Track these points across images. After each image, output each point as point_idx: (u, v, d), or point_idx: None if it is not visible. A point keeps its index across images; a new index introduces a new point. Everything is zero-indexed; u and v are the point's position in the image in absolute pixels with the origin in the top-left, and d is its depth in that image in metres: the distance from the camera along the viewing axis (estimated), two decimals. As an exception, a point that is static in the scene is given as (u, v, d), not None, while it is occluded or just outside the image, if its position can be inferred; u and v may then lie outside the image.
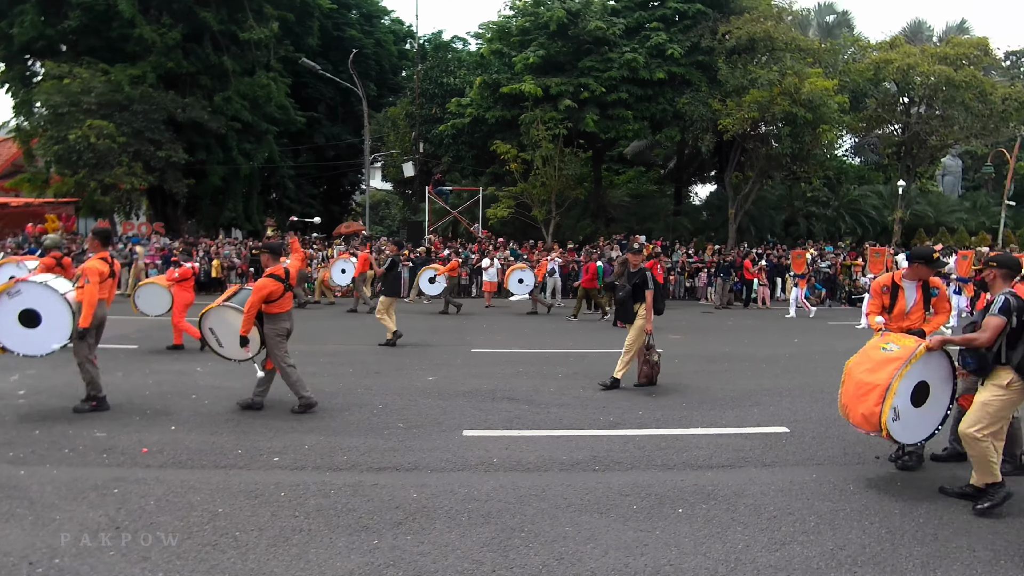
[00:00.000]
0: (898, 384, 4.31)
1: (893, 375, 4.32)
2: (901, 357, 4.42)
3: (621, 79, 20.63)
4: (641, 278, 7.22)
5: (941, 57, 22.29)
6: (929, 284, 4.94)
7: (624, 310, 7.37)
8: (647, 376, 7.37)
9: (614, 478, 4.64)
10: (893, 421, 4.34)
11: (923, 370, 4.49)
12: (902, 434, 4.47)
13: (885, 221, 25.63)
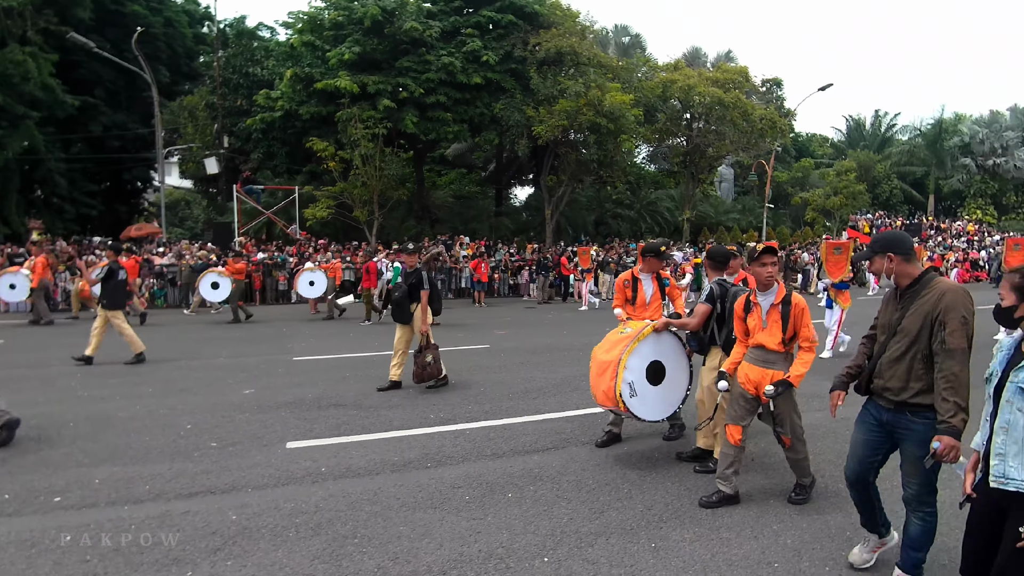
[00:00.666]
0: (627, 358, 4.66)
1: (623, 351, 4.69)
2: (631, 336, 4.81)
3: (439, 82, 20.87)
4: (417, 278, 7.15)
5: (714, 80, 25.95)
6: (661, 276, 5.39)
7: (400, 310, 7.20)
8: (418, 376, 7.12)
9: (446, 472, 4.71)
10: (630, 397, 4.69)
11: (655, 349, 4.86)
12: (640, 409, 4.77)
13: (677, 221, 29.20)
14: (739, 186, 39.26)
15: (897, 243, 3.12)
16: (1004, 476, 2.33)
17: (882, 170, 42.11)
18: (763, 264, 3.89)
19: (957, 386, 2.77)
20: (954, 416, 2.75)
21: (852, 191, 33.08)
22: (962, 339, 2.79)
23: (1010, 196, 42.62)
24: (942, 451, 2.74)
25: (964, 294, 2.88)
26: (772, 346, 3.91)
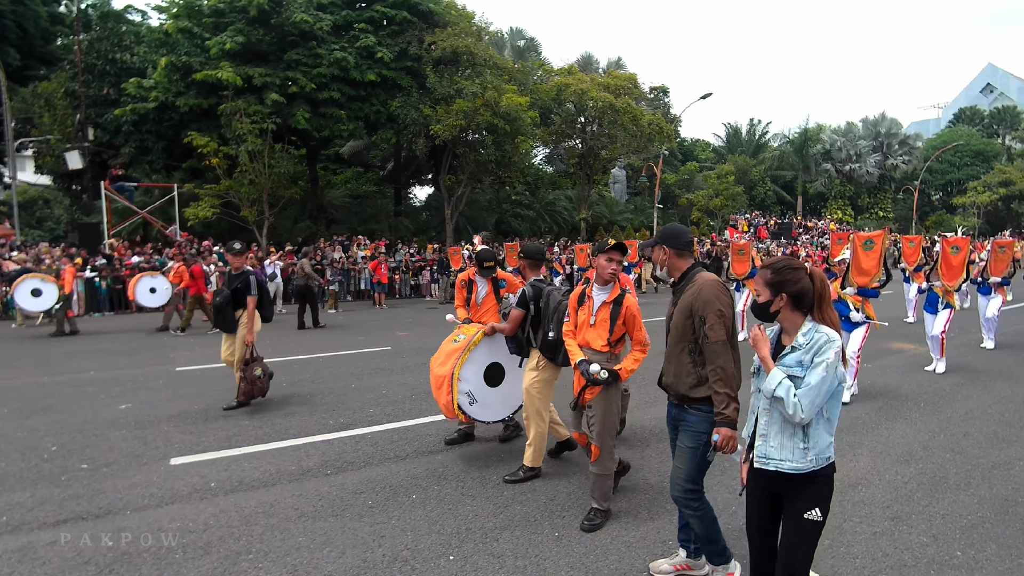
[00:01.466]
0: (460, 371, 4.71)
1: (455, 365, 4.71)
2: (462, 347, 4.80)
3: (332, 77, 20.13)
4: (243, 282, 6.40)
5: (605, 86, 26.98)
6: (497, 277, 5.31)
7: (223, 318, 6.45)
8: (246, 393, 6.33)
9: (348, 479, 4.59)
10: (471, 405, 4.79)
11: (491, 352, 4.91)
12: (484, 414, 4.88)
13: (575, 220, 30.10)
14: (631, 187, 41.11)
15: (672, 237, 3.14)
16: (765, 456, 2.40)
17: (757, 174, 45.70)
18: (610, 259, 3.71)
19: (725, 377, 2.82)
20: (727, 407, 2.80)
21: (731, 193, 35.74)
22: (721, 332, 2.84)
23: (864, 198, 47.74)
24: (721, 442, 2.77)
25: (720, 288, 2.93)
26: (597, 345, 3.74)
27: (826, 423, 2.36)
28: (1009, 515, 4.04)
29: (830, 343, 2.29)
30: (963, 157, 49.82)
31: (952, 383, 7.63)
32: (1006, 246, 10.05)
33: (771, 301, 2.42)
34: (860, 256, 7.05)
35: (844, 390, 2.29)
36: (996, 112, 56.70)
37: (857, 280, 6.96)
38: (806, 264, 2.42)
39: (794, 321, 2.42)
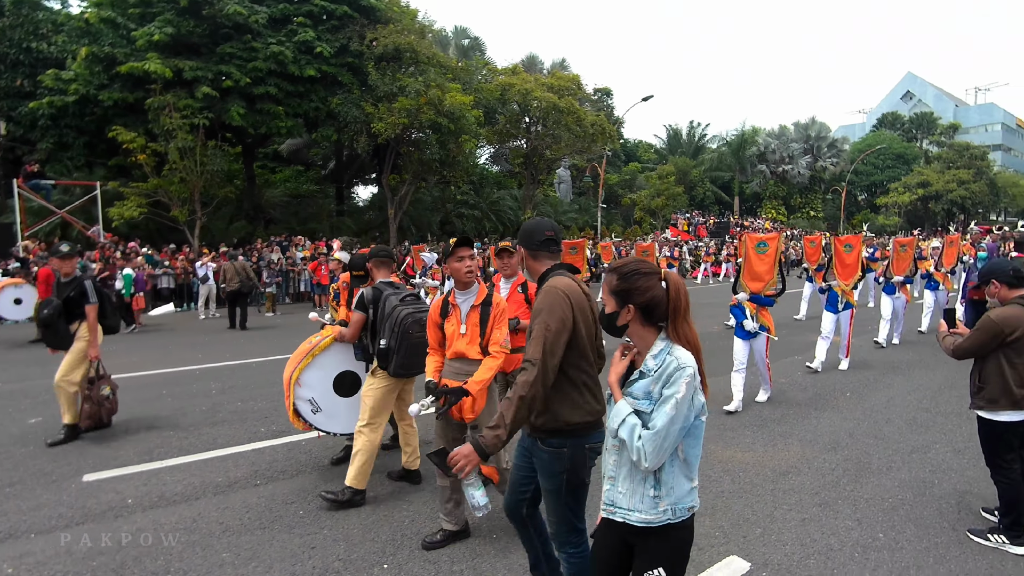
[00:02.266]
0: (300, 375, 4.35)
1: (295, 368, 4.35)
2: (306, 350, 4.42)
3: (269, 72, 19.46)
4: (77, 289, 5.43)
5: (549, 87, 27.21)
6: None
7: (54, 333, 5.42)
8: (92, 417, 5.41)
9: (278, 489, 4.38)
10: (314, 413, 4.40)
11: (343, 360, 4.51)
12: (329, 424, 4.47)
13: (520, 220, 30.18)
14: (576, 188, 41.60)
15: (526, 235, 2.69)
16: (613, 504, 1.98)
17: (697, 174, 47.06)
18: (459, 259, 3.33)
19: (514, 398, 2.30)
20: (493, 427, 2.31)
21: (672, 193, 36.68)
22: (537, 350, 2.32)
23: (796, 198, 49.92)
24: (452, 458, 2.34)
25: (557, 297, 2.41)
26: (473, 355, 3.34)
27: (683, 465, 1.93)
28: (926, 496, 4.24)
29: (681, 370, 1.85)
30: (885, 160, 52.79)
31: (875, 373, 8.00)
32: (907, 245, 10.07)
33: (618, 312, 1.99)
34: (752, 259, 6.48)
35: (702, 425, 1.91)
36: (915, 118, 60.31)
37: (750, 285, 6.42)
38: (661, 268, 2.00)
39: (644, 338, 1.98)
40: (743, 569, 3.33)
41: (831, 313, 8.13)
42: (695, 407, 1.88)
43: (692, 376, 1.86)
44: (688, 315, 1.97)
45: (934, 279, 10.45)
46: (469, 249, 3.39)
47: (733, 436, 5.51)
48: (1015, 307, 3.57)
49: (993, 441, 3.66)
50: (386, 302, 4.07)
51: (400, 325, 3.94)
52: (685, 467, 1.94)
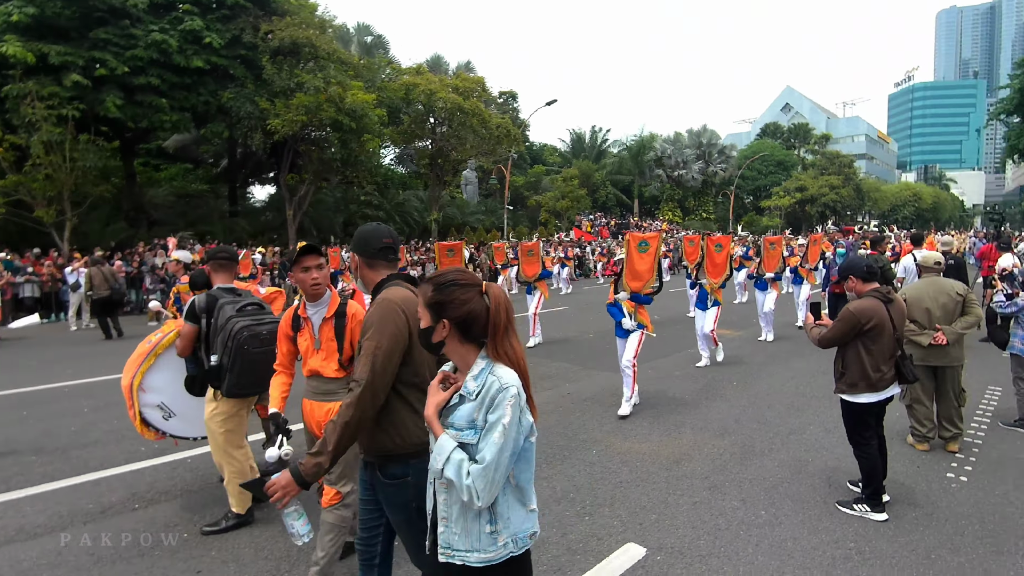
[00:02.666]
0: (141, 380, 3.93)
1: (134, 374, 3.94)
2: (147, 351, 3.98)
3: (151, 61, 18.02)
4: None
5: (454, 88, 27.11)
6: None
7: None
8: None
9: (159, 511, 4.06)
10: (167, 420, 4.01)
11: None
12: (188, 429, 4.12)
13: (426, 221, 29.87)
14: (483, 189, 41.78)
15: (359, 242, 2.47)
16: (449, 547, 1.77)
17: (599, 178, 48.69)
18: (305, 269, 2.97)
19: (339, 423, 2.10)
20: (315, 454, 2.11)
21: (576, 195, 37.74)
22: (365, 370, 2.13)
23: (691, 201, 52.90)
24: (270, 487, 2.16)
25: (390, 311, 2.21)
26: (329, 372, 3.00)
27: (517, 492, 1.79)
28: (802, 473, 4.61)
29: (504, 391, 1.69)
30: (768, 166, 57.09)
31: (759, 361, 8.62)
32: (775, 243, 10.51)
33: (432, 328, 1.80)
34: (634, 258, 6.40)
35: (532, 446, 1.78)
36: (793, 128, 65.68)
37: (631, 284, 6.34)
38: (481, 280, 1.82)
39: (464, 357, 1.80)
40: (639, 555, 3.47)
41: (702, 311, 8.30)
42: (524, 428, 1.73)
43: (516, 396, 1.69)
44: (511, 331, 1.79)
45: (800, 275, 11.13)
46: (316, 257, 3.01)
47: (631, 428, 5.73)
48: (870, 299, 3.96)
49: (854, 420, 4.04)
50: (220, 312, 3.60)
51: (234, 340, 3.49)
52: (519, 493, 1.79)
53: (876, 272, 4.10)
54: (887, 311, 3.92)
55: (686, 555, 3.46)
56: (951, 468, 4.71)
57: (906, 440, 5.25)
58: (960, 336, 4.97)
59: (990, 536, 3.67)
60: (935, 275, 5.18)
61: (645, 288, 6.37)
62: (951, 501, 4.14)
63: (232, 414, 3.76)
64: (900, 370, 3.98)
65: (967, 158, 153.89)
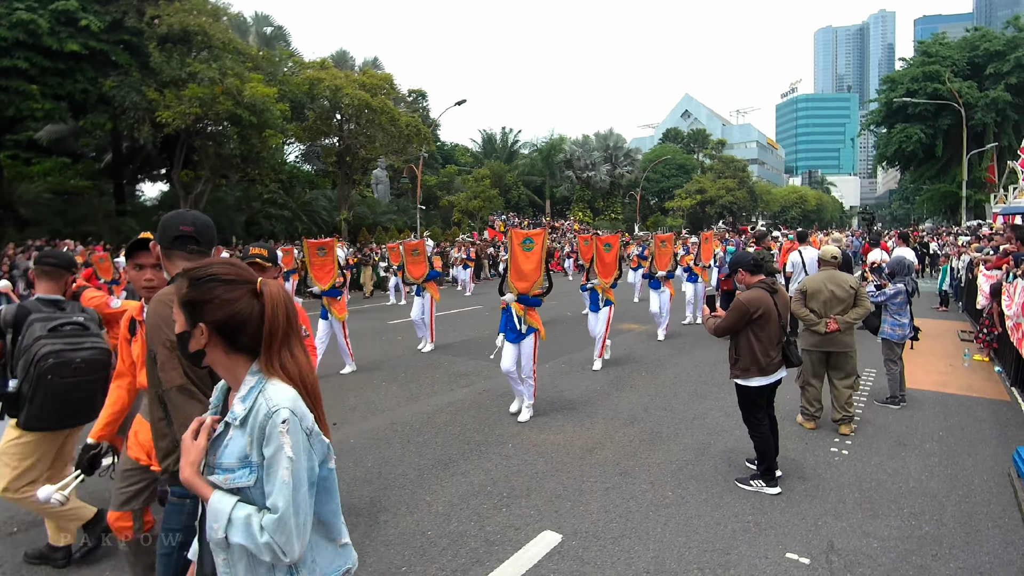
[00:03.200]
0: None
1: None
2: None
3: (16, 43, 16.29)
4: None
5: (361, 84, 26.42)
6: None
7: None
8: None
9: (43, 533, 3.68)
10: None
11: None
12: None
13: (335, 221, 28.94)
14: (394, 189, 41.07)
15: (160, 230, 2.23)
16: None
17: (511, 178, 49.19)
18: (137, 266, 2.54)
19: None
20: None
21: (488, 195, 37.93)
22: (175, 374, 1.89)
23: (599, 201, 54.62)
24: None
25: (163, 306, 1.95)
26: None
27: (321, 528, 1.50)
28: (705, 455, 4.88)
29: (272, 415, 1.37)
30: (670, 169, 59.98)
31: (665, 353, 9.04)
32: (666, 240, 10.37)
33: (188, 333, 1.46)
34: (519, 257, 5.98)
35: (332, 473, 1.50)
36: (692, 134, 69.36)
37: (517, 285, 5.94)
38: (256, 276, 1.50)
39: (232, 371, 1.48)
40: (556, 541, 3.54)
41: (595, 312, 8.10)
42: (317, 454, 1.43)
43: (289, 420, 1.37)
44: (292, 339, 1.48)
45: (694, 272, 11.32)
46: (148, 255, 2.51)
47: (545, 421, 5.84)
48: (757, 290, 4.27)
49: (747, 403, 4.33)
50: (28, 329, 3.03)
51: (36, 366, 2.96)
52: (324, 529, 1.51)
53: (762, 265, 4.43)
54: (773, 300, 4.24)
55: (600, 538, 3.57)
56: (834, 444, 5.16)
57: (796, 420, 5.69)
58: (851, 325, 5.44)
59: (867, 502, 4.05)
60: (832, 268, 5.64)
61: (533, 289, 5.94)
62: (834, 473, 4.54)
63: (33, 444, 3.13)
64: (786, 354, 4.31)
65: (844, 164, 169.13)
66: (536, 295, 5.99)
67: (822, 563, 3.31)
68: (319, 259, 7.92)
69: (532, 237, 6.04)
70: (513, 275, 6.04)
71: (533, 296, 5.97)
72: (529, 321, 5.95)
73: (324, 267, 7.91)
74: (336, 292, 7.89)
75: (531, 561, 3.34)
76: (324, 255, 7.95)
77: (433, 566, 3.29)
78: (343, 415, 6.12)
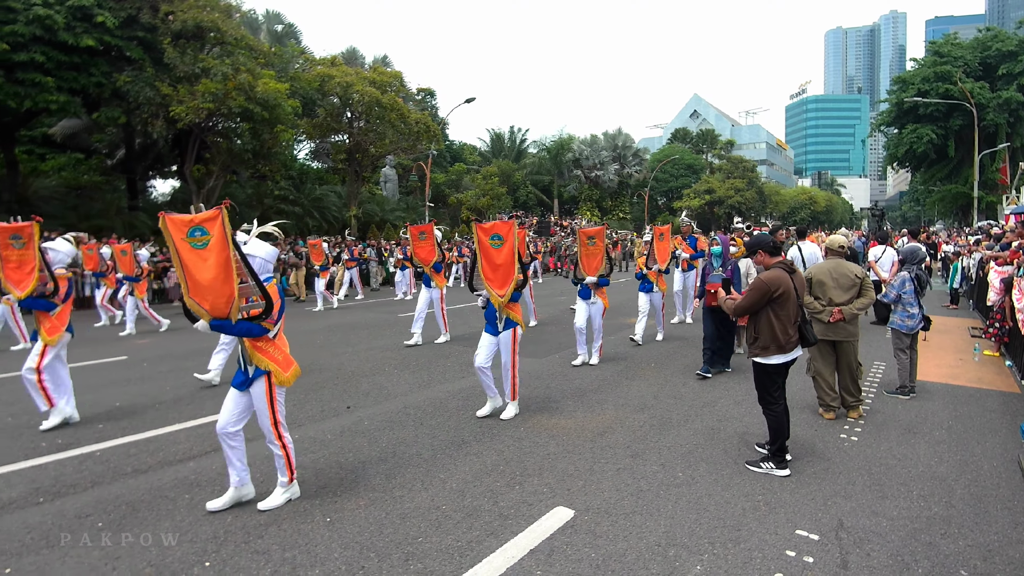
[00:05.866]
0: None
1: None
2: None
3: (33, 38, 16.48)
4: None
5: (371, 81, 26.56)
6: None
7: None
8: None
9: (68, 503, 3.80)
10: None
11: None
12: None
13: (345, 218, 29.11)
14: (403, 187, 41.23)
15: None
16: None
17: (519, 177, 49.28)
18: None
19: None
20: None
21: (496, 193, 38.03)
22: None
23: (608, 201, 54.62)
24: None
25: None
26: None
27: None
28: (714, 439, 4.95)
29: None
30: (679, 169, 59.92)
31: (673, 347, 9.08)
32: (665, 233, 9.56)
33: None
34: (490, 253, 5.56)
35: None
36: (701, 134, 69.22)
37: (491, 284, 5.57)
38: None
39: None
40: (568, 516, 3.62)
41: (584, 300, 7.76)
42: None
43: None
44: None
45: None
46: None
47: (557, 407, 5.92)
48: (776, 270, 4.34)
49: (766, 381, 4.38)
50: None
51: None
52: None
53: (780, 247, 4.49)
54: (791, 280, 4.31)
55: (612, 514, 3.65)
56: (843, 430, 5.21)
57: (817, 411, 5.69)
58: (856, 315, 5.49)
59: (877, 484, 4.11)
60: (839, 258, 5.69)
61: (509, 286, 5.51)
62: (844, 457, 4.59)
63: None
64: (803, 333, 4.38)
65: (854, 166, 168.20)
66: (516, 290, 5.53)
67: (831, 539, 3.38)
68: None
69: (500, 233, 5.53)
70: (486, 272, 5.52)
71: (515, 292, 5.53)
72: (509, 314, 5.57)
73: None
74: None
75: (545, 534, 3.42)
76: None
77: (448, 537, 3.38)
78: (357, 399, 6.22)
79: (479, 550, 3.24)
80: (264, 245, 3.96)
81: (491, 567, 3.09)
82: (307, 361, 8.00)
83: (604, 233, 7.85)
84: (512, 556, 3.19)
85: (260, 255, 3.88)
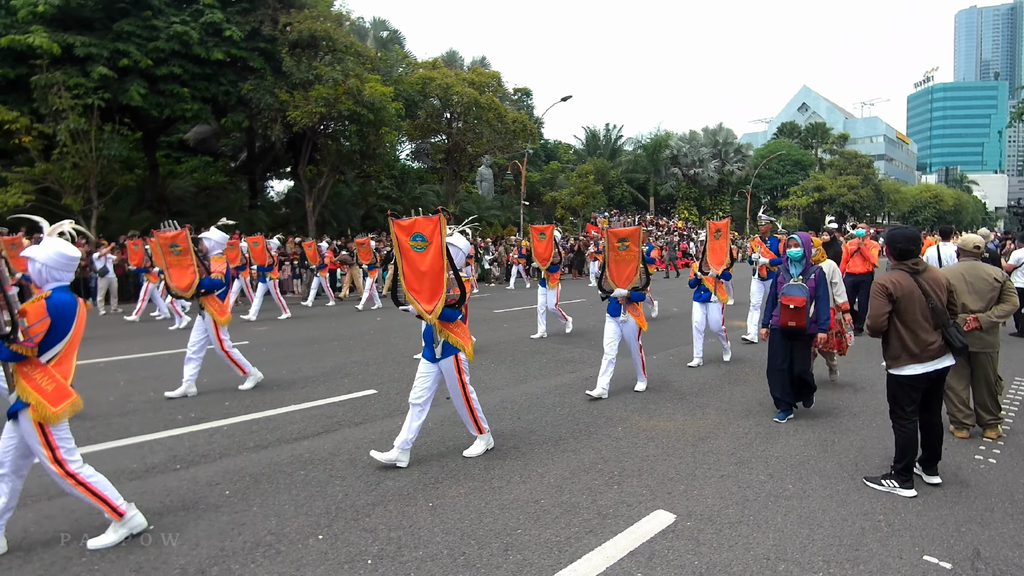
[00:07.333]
0: None
1: None
2: None
3: (172, 53, 18.26)
4: None
5: (470, 82, 27.21)
6: None
7: None
8: None
9: (200, 472, 4.19)
10: None
11: None
12: None
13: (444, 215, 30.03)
14: (498, 186, 41.87)
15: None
16: None
17: (615, 175, 48.60)
18: None
19: None
20: None
21: (591, 191, 37.66)
22: None
23: (707, 200, 52.66)
24: None
25: None
26: None
27: None
28: (829, 452, 4.64)
29: None
30: (785, 165, 56.70)
31: (780, 352, 8.60)
32: (722, 229, 8.07)
33: None
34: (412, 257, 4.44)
35: None
36: (810, 128, 65.12)
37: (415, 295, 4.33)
38: None
39: None
40: (669, 520, 3.53)
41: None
42: None
43: None
44: None
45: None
46: None
47: (655, 408, 5.78)
48: (893, 271, 4.02)
49: (897, 393, 3.98)
50: None
51: None
52: None
53: (910, 251, 4.07)
54: (915, 281, 3.94)
55: (716, 522, 3.51)
56: (979, 451, 4.72)
57: (948, 430, 5.20)
58: (994, 323, 4.94)
59: (1021, 514, 3.68)
60: (974, 259, 5.16)
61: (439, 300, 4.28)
62: (980, 480, 4.16)
63: None
64: (946, 338, 3.93)
65: (989, 160, 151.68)
66: (450, 306, 4.31)
67: (966, 569, 3.07)
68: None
69: (423, 233, 4.33)
70: (409, 282, 4.30)
71: (447, 308, 4.28)
72: (447, 337, 4.33)
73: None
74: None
75: (645, 536, 3.35)
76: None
77: (547, 531, 3.39)
78: (455, 392, 6.38)
79: (578, 547, 3.23)
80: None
81: (590, 565, 3.07)
82: (406, 352, 8.32)
83: (639, 235, 6.25)
84: (611, 556, 3.15)
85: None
